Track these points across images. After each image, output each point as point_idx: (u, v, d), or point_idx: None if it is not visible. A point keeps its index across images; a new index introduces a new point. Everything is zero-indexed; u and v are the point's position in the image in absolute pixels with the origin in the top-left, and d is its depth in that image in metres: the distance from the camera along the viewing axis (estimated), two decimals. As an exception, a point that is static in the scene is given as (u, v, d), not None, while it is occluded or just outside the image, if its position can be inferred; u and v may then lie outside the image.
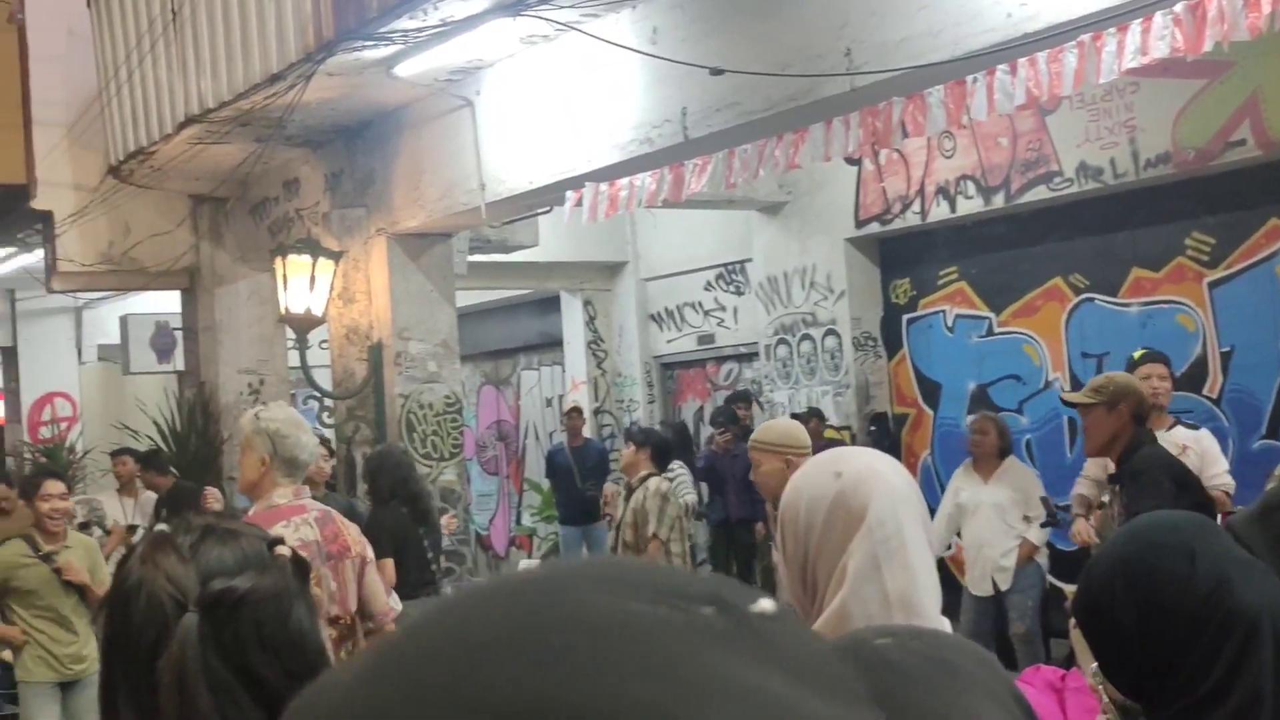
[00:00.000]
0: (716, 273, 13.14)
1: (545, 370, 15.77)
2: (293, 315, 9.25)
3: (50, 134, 11.25)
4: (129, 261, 11.87)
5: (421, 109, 9.15)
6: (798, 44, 6.41)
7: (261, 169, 10.46)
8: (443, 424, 9.90)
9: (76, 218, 11.40)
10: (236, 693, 1.36)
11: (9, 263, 13.27)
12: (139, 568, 1.42)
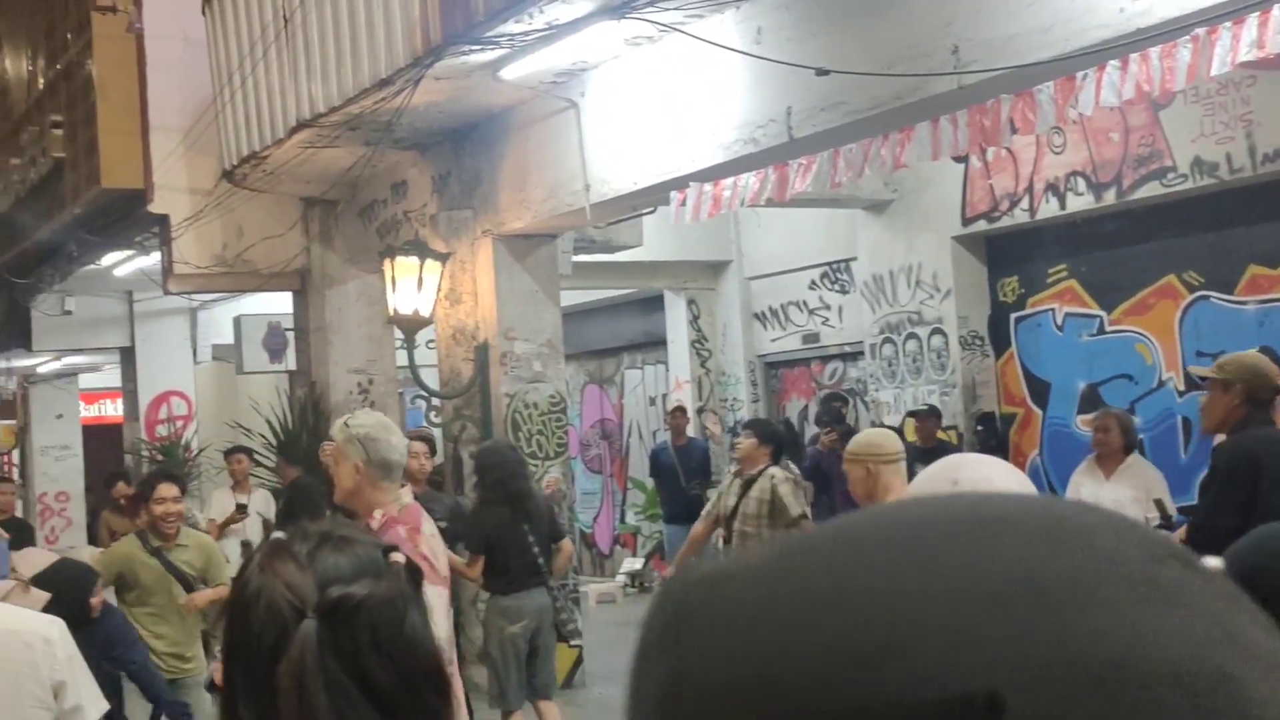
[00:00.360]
0: (821, 271, 13.08)
1: (649, 369, 15.82)
2: (401, 316, 9.37)
3: (167, 140, 11.52)
4: (242, 263, 12.12)
5: (527, 111, 9.23)
6: (904, 42, 6.36)
7: (370, 172, 10.63)
8: (548, 423, 9.97)
9: (192, 221, 11.66)
10: (353, 696, 1.39)
11: (127, 265, 13.60)
12: (258, 575, 1.46)
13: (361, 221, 11.63)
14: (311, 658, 1.37)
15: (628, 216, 10.50)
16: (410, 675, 1.45)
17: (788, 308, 13.55)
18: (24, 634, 3.64)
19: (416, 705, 1.47)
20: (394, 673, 1.43)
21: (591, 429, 16.70)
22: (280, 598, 1.42)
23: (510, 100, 9.15)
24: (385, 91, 8.45)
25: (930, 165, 9.54)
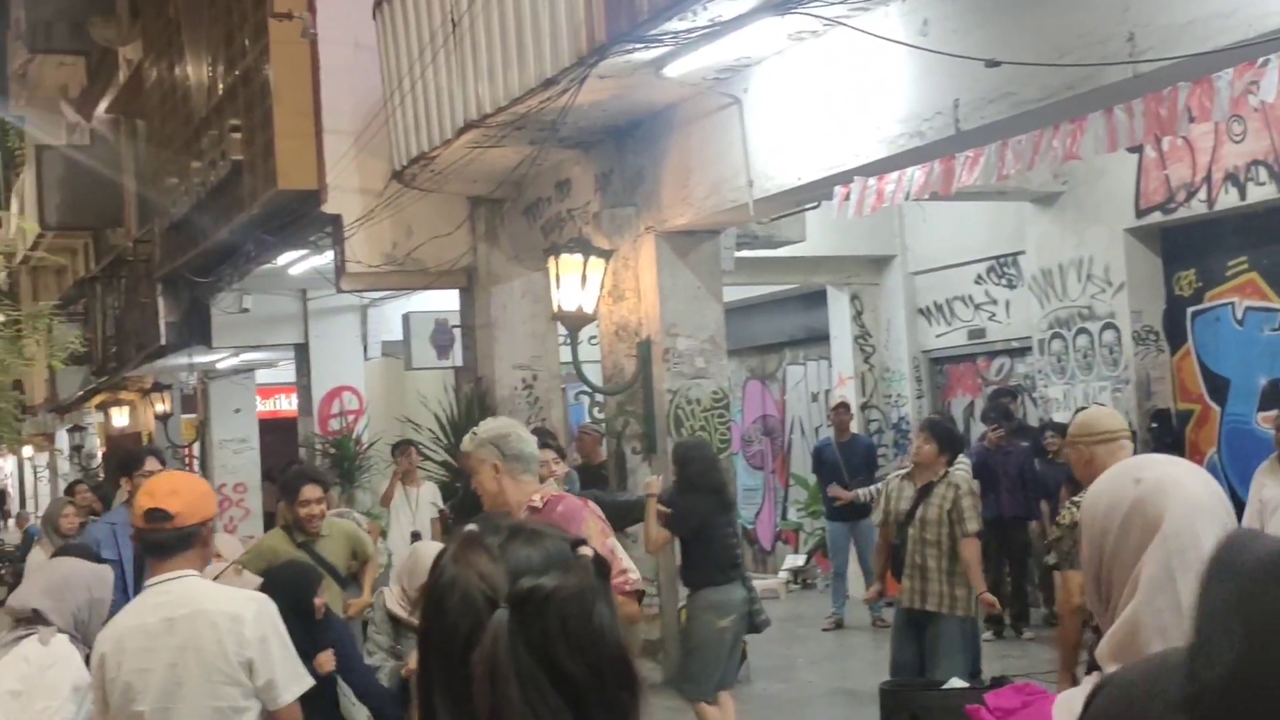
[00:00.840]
0: (988, 265, 12.86)
1: (811, 365, 15.74)
2: (565, 313, 9.48)
3: (339, 142, 11.83)
4: (411, 262, 12.39)
5: (690, 108, 9.26)
6: (1077, 30, 6.22)
7: (535, 171, 10.77)
8: (710, 419, 9.99)
9: (363, 221, 11.96)
10: (542, 685, 1.43)
11: (302, 264, 13.99)
12: (452, 566, 1.50)
13: (526, 220, 11.80)
14: (504, 647, 1.41)
15: (791, 212, 10.46)
16: (598, 667, 1.48)
17: (953, 303, 13.35)
18: (212, 613, 3.76)
19: (604, 697, 1.49)
20: (583, 664, 1.46)
21: (753, 425, 16.68)
22: (474, 588, 1.46)
23: (673, 97, 9.19)
24: (550, 91, 8.56)
25: (1102, 156, 9.30)
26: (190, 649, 3.75)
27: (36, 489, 37.12)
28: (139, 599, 3.94)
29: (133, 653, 3.76)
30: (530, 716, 1.41)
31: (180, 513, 3.83)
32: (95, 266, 24.09)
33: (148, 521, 3.82)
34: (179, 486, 3.96)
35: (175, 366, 19.22)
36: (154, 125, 17.41)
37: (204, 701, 3.76)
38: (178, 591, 3.82)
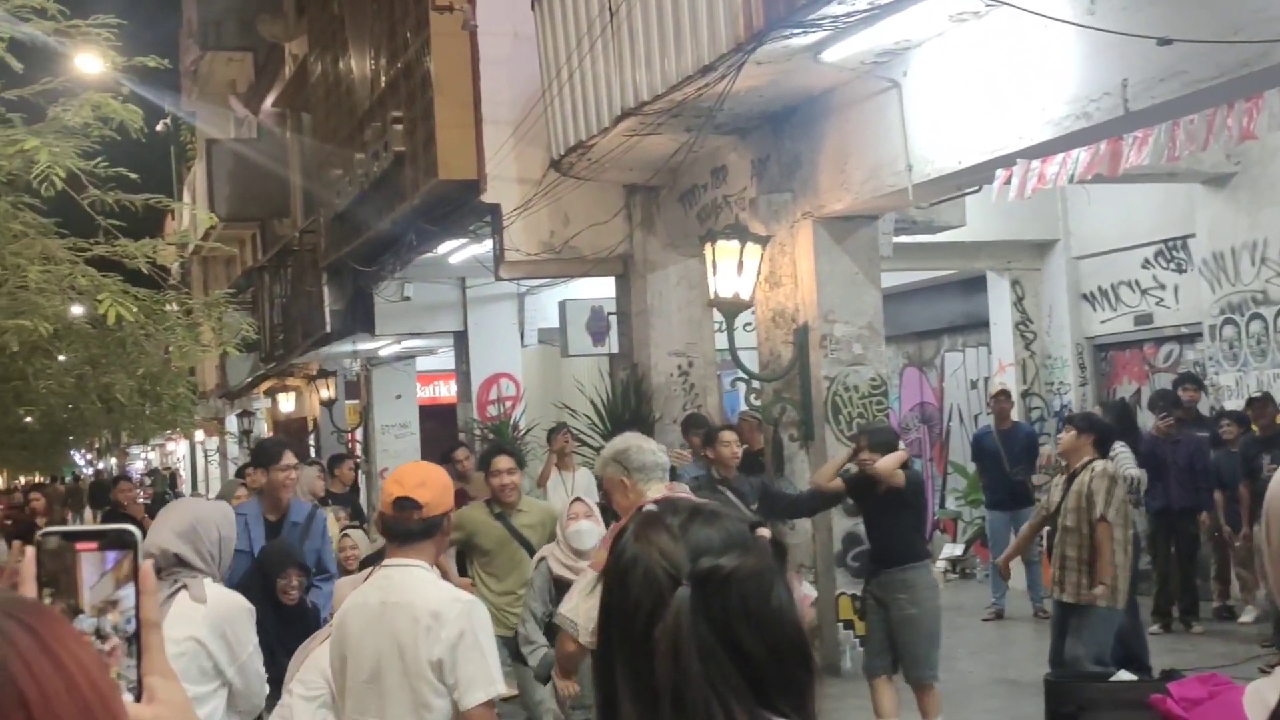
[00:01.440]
0: (1155, 249, 12.52)
1: (970, 352, 15.50)
2: (721, 299, 9.49)
3: (498, 132, 12.00)
4: (569, 250, 12.52)
5: (847, 92, 9.18)
6: (1253, 5, 6.01)
7: (691, 157, 10.79)
8: (868, 406, 9.91)
9: (521, 210, 12.12)
10: (723, 662, 1.45)
11: (461, 253, 14.23)
12: (633, 545, 1.54)
13: (682, 207, 11.83)
14: (686, 623, 1.44)
15: (951, 196, 10.32)
16: (777, 645, 1.50)
17: (1119, 288, 13.03)
18: (418, 607, 3.87)
19: (782, 675, 1.51)
20: (762, 642, 1.48)
21: (911, 412, 16.49)
22: (656, 565, 1.49)
23: (830, 82, 9.13)
24: (708, 78, 8.57)
25: (1277, 135, 9.00)
26: (393, 637, 3.90)
27: (207, 472, 38.43)
28: (373, 578, 4.10)
29: (352, 627, 3.97)
30: (710, 692, 1.44)
31: (428, 503, 3.97)
32: (263, 256, 24.84)
33: (396, 510, 3.96)
34: (427, 478, 4.06)
35: (339, 353, 19.72)
36: (319, 118, 17.87)
37: (401, 690, 3.90)
38: (398, 579, 3.97)
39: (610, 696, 1.54)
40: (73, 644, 0.96)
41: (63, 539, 1.25)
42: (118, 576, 1.25)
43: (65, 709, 0.91)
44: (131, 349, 8.43)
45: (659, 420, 12.47)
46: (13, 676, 0.90)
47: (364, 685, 3.93)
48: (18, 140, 5.68)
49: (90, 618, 1.23)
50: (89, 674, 0.95)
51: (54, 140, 5.83)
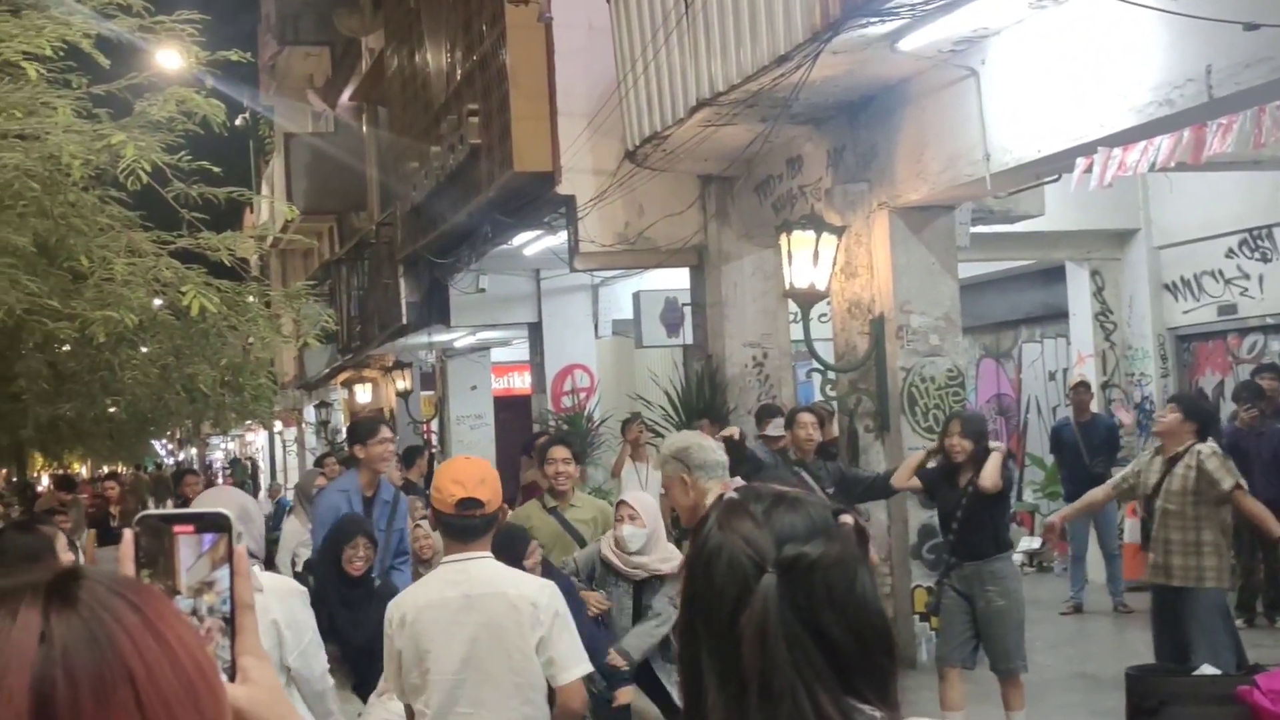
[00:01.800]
0: (1240, 238, 12.31)
1: (1048, 343, 15.33)
2: (796, 290, 9.46)
3: (573, 124, 12.05)
4: (643, 241, 12.54)
5: (924, 81, 9.11)
6: (1343, -11, 5.89)
7: (766, 148, 10.76)
8: (944, 397, 9.84)
9: (596, 201, 12.16)
10: (809, 649, 1.46)
11: (536, 244, 14.30)
12: (717, 533, 1.55)
13: (757, 197, 11.80)
14: (772, 610, 1.45)
15: (1030, 185, 10.19)
16: (862, 633, 1.50)
17: (1201, 277, 12.82)
18: (511, 596, 4.06)
19: (867, 663, 1.51)
20: (847, 629, 1.49)
21: (988, 404, 16.34)
22: (740, 553, 1.50)
23: (907, 71, 9.06)
24: (784, 68, 8.54)
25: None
26: (490, 626, 4.03)
27: (285, 462, 38.93)
28: (439, 572, 4.20)
29: (431, 623, 4.05)
30: (796, 678, 1.44)
31: (488, 501, 4.11)
32: (340, 249, 25.09)
33: (460, 510, 4.08)
34: (485, 476, 4.18)
35: (415, 345, 19.88)
36: (395, 112, 18.02)
37: (501, 678, 4.03)
38: (475, 572, 4.09)
39: (695, 682, 1.55)
40: (176, 623, 0.99)
41: (161, 522, 1.28)
42: (213, 559, 1.27)
43: (170, 685, 0.93)
44: (214, 340, 8.57)
45: (733, 411, 12.46)
46: (121, 653, 0.92)
47: (455, 676, 4.02)
48: (105, 135, 5.79)
49: (187, 599, 1.26)
50: (191, 652, 0.97)
51: (139, 135, 5.93)
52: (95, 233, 6.64)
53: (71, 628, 0.92)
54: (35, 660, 0.89)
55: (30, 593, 0.94)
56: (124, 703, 0.91)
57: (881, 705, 1.52)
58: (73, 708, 0.89)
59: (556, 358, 16.89)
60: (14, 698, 0.88)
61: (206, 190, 6.42)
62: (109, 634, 0.93)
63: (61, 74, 6.10)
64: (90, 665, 0.90)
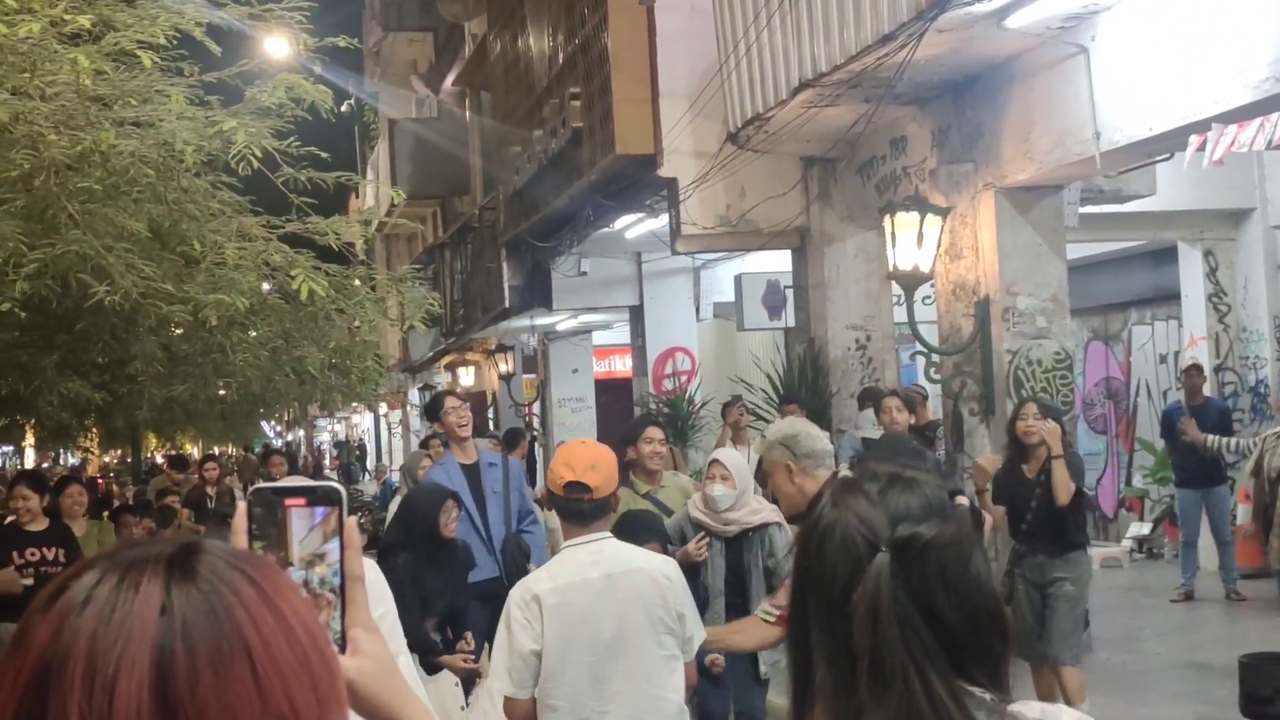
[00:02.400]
0: (1359, 218, 11.96)
1: (1159, 325, 15.02)
2: (900, 272, 9.37)
3: (675, 106, 12.04)
4: (745, 223, 12.51)
5: (1032, 59, 8.96)
6: None
7: (869, 129, 10.66)
8: (1052, 380, 9.70)
9: (698, 184, 12.14)
10: (920, 628, 1.45)
11: (637, 227, 14.31)
12: (831, 510, 1.54)
13: (860, 178, 11.70)
14: (885, 589, 1.44)
15: (1141, 164, 9.97)
16: (975, 614, 1.49)
17: (1320, 258, 12.48)
18: (650, 571, 4.16)
19: (978, 645, 1.50)
20: (959, 611, 1.47)
21: (1096, 387, 16.05)
22: (854, 531, 1.50)
23: (1014, 49, 8.91)
24: (888, 47, 8.45)
25: None
26: (635, 603, 4.10)
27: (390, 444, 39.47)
28: (569, 554, 4.18)
29: (575, 604, 4.07)
30: (908, 658, 1.44)
31: (598, 486, 4.13)
32: (443, 233, 25.34)
33: (569, 493, 4.12)
34: (596, 460, 4.20)
35: (517, 328, 20.02)
36: (498, 96, 18.13)
37: (650, 651, 4.11)
38: (609, 552, 4.17)
39: (804, 660, 1.55)
40: (292, 596, 1.00)
41: (273, 494, 1.30)
42: (324, 531, 1.29)
43: (285, 657, 0.95)
44: (322, 323, 8.72)
45: (835, 395, 12.39)
46: (238, 625, 0.94)
47: (603, 655, 4.08)
48: (217, 122, 5.90)
49: (299, 571, 1.28)
50: (307, 625, 0.99)
51: (249, 121, 6.04)
52: (207, 218, 6.77)
53: (191, 600, 0.94)
54: (156, 631, 0.91)
55: (152, 565, 0.96)
56: (240, 674, 0.92)
57: (992, 688, 1.51)
58: (191, 678, 0.91)
59: (658, 341, 16.91)
60: (136, 667, 0.90)
61: (315, 175, 6.51)
62: (227, 607, 0.94)
63: (174, 62, 6.22)
64: (208, 637, 0.92)
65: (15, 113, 5.05)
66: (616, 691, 4.08)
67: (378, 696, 1.31)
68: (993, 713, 1.49)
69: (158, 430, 25.11)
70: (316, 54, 6.96)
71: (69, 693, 0.89)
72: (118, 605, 0.93)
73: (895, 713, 1.42)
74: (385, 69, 30.39)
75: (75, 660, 0.90)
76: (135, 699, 0.89)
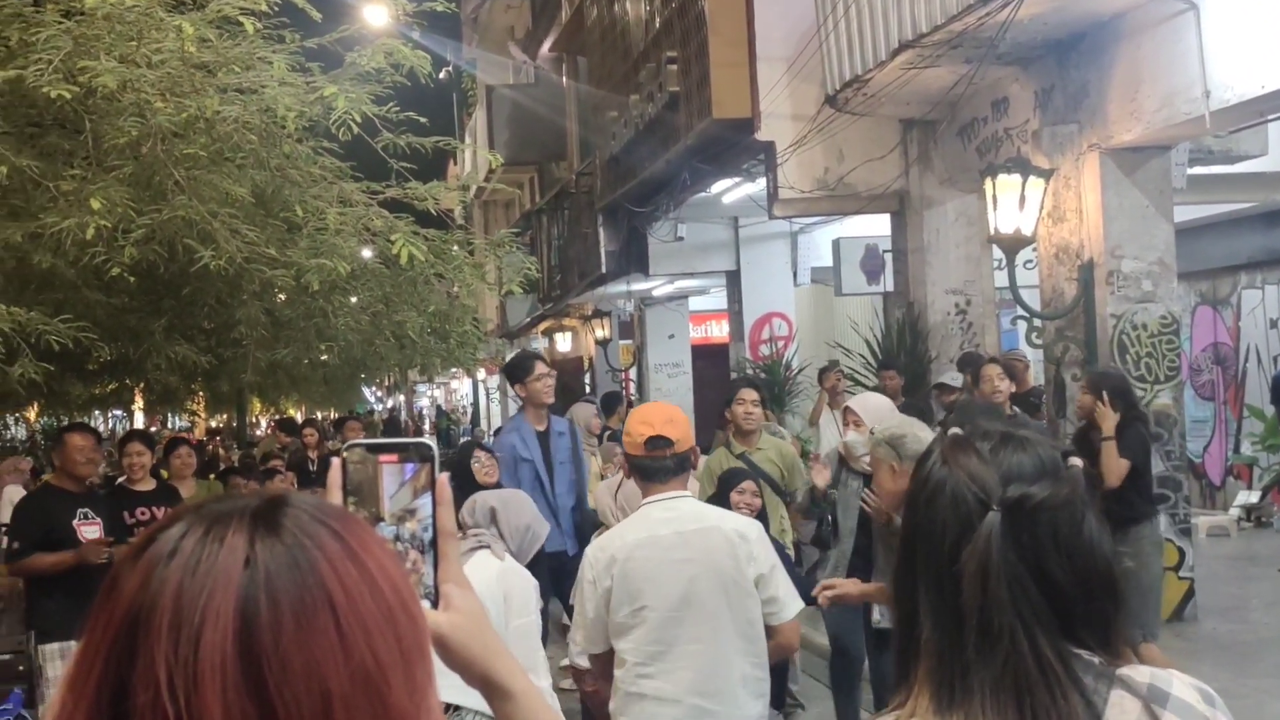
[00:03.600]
0: None
1: (1270, 289, 14.66)
2: (1001, 235, 9.23)
3: (772, 69, 11.94)
4: (843, 187, 12.39)
5: (1140, 16, 8.75)
6: None
7: (970, 90, 10.49)
8: (1158, 345, 9.51)
9: (795, 147, 12.04)
10: (1030, 589, 1.43)
11: (734, 192, 14.25)
12: (940, 468, 1.52)
13: (961, 141, 11.52)
14: (996, 549, 1.42)
15: (1252, 123, 9.71)
16: (1087, 577, 1.47)
17: None
18: (725, 530, 4.08)
19: (1089, 608, 1.47)
20: (1071, 573, 1.45)
21: (1203, 353, 15.72)
22: (965, 489, 1.48)
23: (1120, 6, 8.71)
24: (989, 6, 8.31)
25: None
26: (705, 563, 4.03)
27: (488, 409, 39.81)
28: (644, 511, 4.18)
29: (644, 561, 4.05)
30: (1016, 618, 1.42)
31: (679, 440, 4.10)
32: (540, 199, 25.42)
33: (649, 449, 4.09)
34: (674, 415, 4.19)
35: (614, 294, 20.06)
36: (594, 62, 18.11)
37: (720, 613, 4.03)
38: (684, 509, 4.11)
39: (909, 615, 1.53)
40: (377, 550, 1.00)
41: (366, 451, 1.31)
42: (415, 487, 1.30)
43: (369, 612, 0.95)
44: (422, 288, 8.79)
45: (934, 360, 12.26)
46: (322, 579, 0.94)
47: (673, 614, 4.02)
48: (318, 88, 5.96)
49: (390, 526, 1.30)
50: (392, 579, 0.99)
51: (350, 87, 6.09)
52: (309, 184, 6.84)
53: (275, 553, 0.94)
54: (240, 583, 0.92)
55: (237, 518, 0.96)
56: (324, 627, 0.93)
57: (1102, 652, 1.48)
58: (274, 629, 0.91)
59: (755, 306, 16.85)
60: (220, 618, 0.90)
61: (415, 140, 6.55)
62: (310, 560, 0.95)
63: (275, 29, 6.28)
64: (291, 589, 0.93)
65: (123, 81, 5.13)
66: (683, 652, 4.03)
67: (470, 650, 1.32)
68: (1101, 676, 1.47)
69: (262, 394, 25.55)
70: (414, 19, 7.00)
71: (156, 642, 0.90)
72: (203, 557, 0.93)
73: (1001, 673, 1.40)
74: (482, 35, 30.51)
75: (162, 611, 0.91)
76: (220, 650, 0.90)
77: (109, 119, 5.66)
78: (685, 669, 4.02)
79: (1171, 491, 9.49)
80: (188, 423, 36.65)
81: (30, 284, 7.20)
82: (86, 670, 0.93)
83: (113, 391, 15.13)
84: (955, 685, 1.43)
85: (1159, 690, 1.46)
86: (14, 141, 5.77)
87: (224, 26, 5.83)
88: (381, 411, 50.60)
